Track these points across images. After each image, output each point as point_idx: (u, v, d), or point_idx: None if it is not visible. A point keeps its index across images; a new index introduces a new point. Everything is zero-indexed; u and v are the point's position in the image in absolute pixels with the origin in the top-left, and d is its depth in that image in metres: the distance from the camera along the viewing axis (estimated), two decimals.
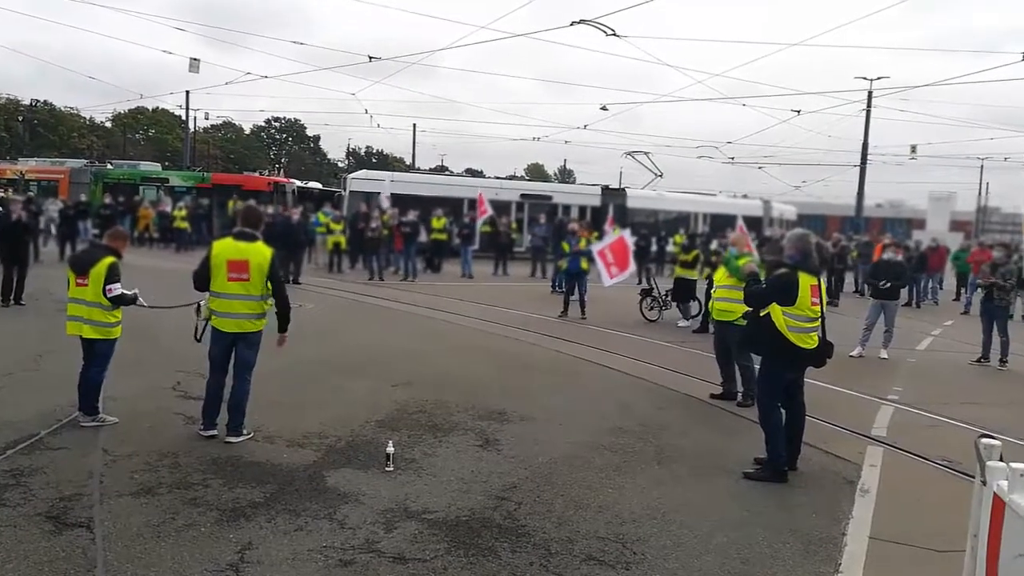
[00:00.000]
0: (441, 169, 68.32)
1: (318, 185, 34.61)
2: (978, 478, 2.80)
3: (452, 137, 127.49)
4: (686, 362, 9.83)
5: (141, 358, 7.85)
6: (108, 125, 69.52)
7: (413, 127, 55.49)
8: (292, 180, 31.79)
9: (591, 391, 8.10)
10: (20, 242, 12.12)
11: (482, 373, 8.70)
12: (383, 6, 63.79)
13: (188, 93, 38.55)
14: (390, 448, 5.39)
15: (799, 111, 28.66)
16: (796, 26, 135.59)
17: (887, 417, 7.61)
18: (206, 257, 5.75)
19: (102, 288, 5.91)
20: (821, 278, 5.77)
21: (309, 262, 20.49)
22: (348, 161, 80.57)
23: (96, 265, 5.95)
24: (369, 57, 20.90)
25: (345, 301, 14.84)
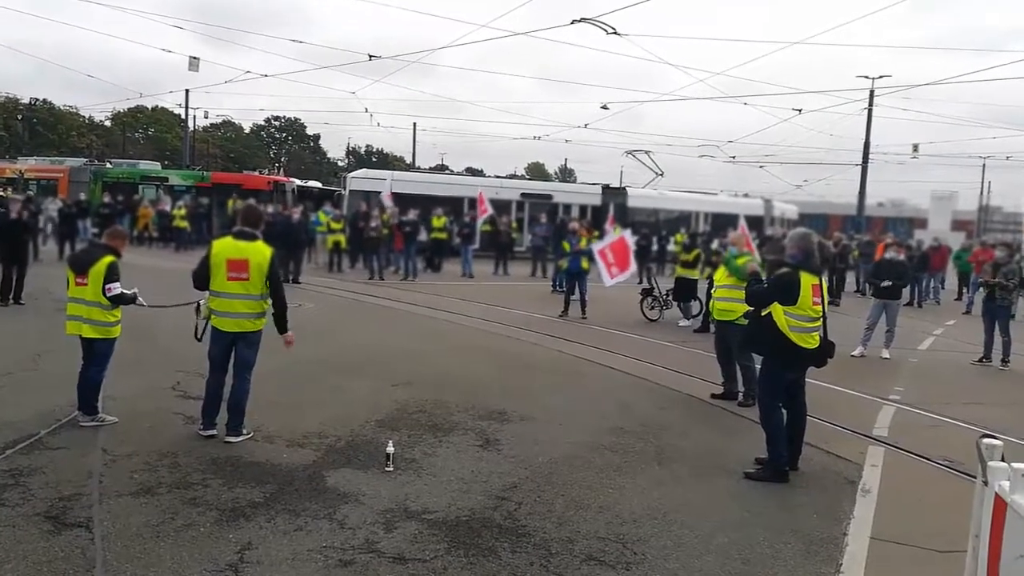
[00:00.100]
0: (441, 168, 68.33)
1: (318, 184, 34.58)
2: (980, 478, 2.80)
3: (452, 136, 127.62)
4: (687, 362, 9.82)
5: (141, 358, 7.84)
6: (107, 124, 69.54)
7: (413, 126, 55.46)
8: (292, 179, 31.80)
9: (592, 391, 8.08)
10: (19, 241, 12.11)
11: (482, 373, 8.69)
12: (383, 4, 63.98)
13: (188, 92, 38.49)
14: (390, 448, 5.38)
15: (800, 110, 28.81)
16: (797, 25, 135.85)
17: (888, 417, 7.60)
18: (206, 256, 5.74)
19: (101, 287, 5.90)
20: (823, 278, 5.76)
21: (309, 261, 20.48)
22: (348, 160, 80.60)
23: (95, 264, 5.93)
24: (369, 56, 20.82)
25: (345, 301, 14.83)
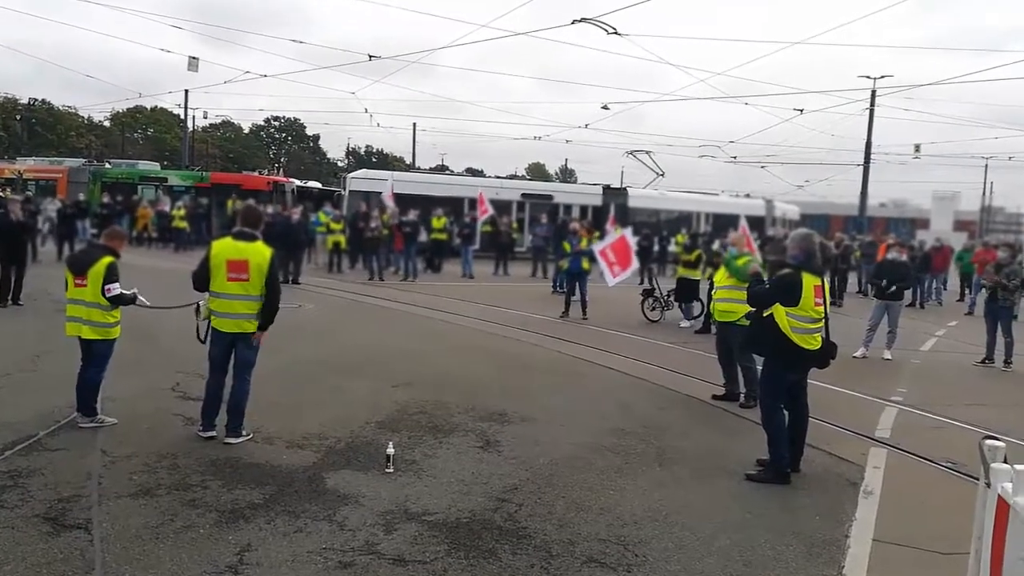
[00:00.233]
0: (442, 168, 68.32)
1: (318, 184, 34.53)
2: (982, 480, 2.79)
3: (452, 136, 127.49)
4: (688, 363, 9.81)
5: (140, 358, 7.82)
6: (106, 124, 69.51)
7: (413, 126, 55.36)
8: (291, 179, 31.76)
9: (592, 392, 8.06)
10: (18, 242, 12.06)
11: (483, 374, 8.67)
12: (383, 4, 63.96)
13: (187, 92, 38.41)
14: (390, 449, 5.37)
15: (802, 110, 28.69)
16: (799, 24, 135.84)
17: (891, 418, 7.57)
18: (205, 257, 5.72)
19: (101, 288, 5.88)
20: (824, 278, 5.74)
21: (309, 262, 20.46)
22: (348, 160, 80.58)
23: (94, 265, 5.91)
24: (369, 56, 20.77)
25: (345, 301, 14.81)
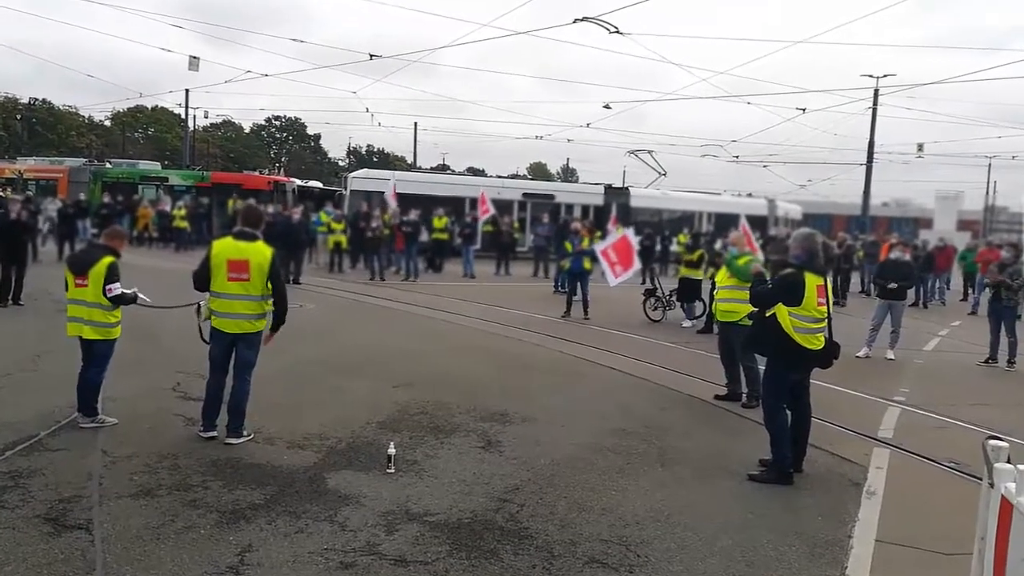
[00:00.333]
0: (443, 168, 68.28)
1: (319, 184, 34.52)
2: (985, 480, 2.78)
3: (454, 136, 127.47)
4: (690, 363, 9.79)
5: (141, 358, 7.81)
6: (107, 124, 69.47)
7: (414, 126, 55.33)
8: (292, 179, 31.77)
9: (594, 392, 8.05)
10: (19, 242, 12.07)
11: (484, 374, 8.66)
12: (383, 3, 63.81)
13: (188, 91, 38.40)
14: (391, 450, 5.36)
15: (804, 109, 28.54)
16: (801, 23, 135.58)
17: (894, 419, 7.56)
18: (206, 257, 5.71)
19: (102, 288, 5.87)
20: (827, 278, 5.72)
21: (310, 262, 20.45)
22: (349, 160, 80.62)
23: (95, 265, 5.90)
24: (370, 55, 20.76)
25: (346, 301, 14.80)
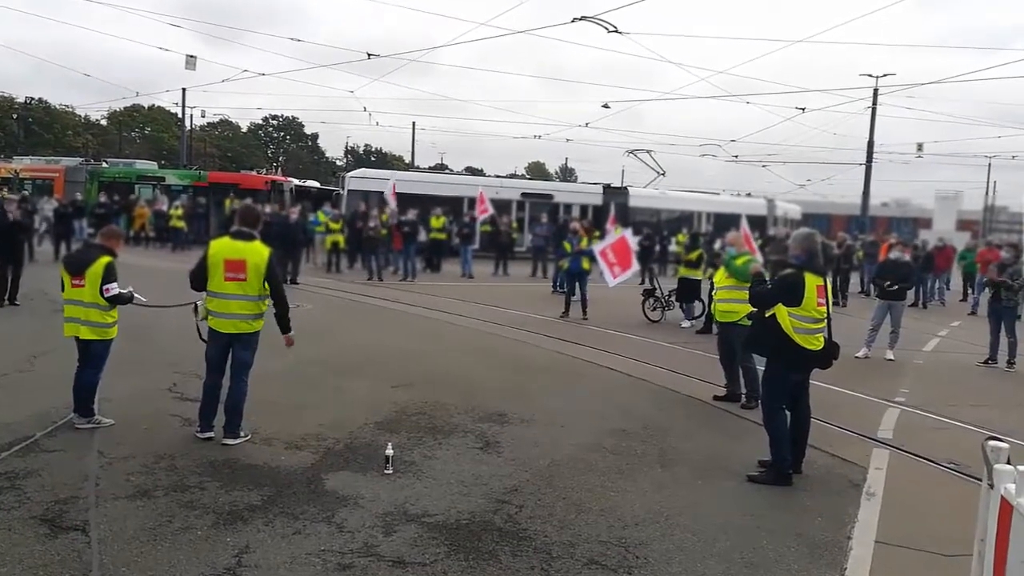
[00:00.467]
0: (441, 167, 68.26)
1: (316, 184, 34.45)
2: (985, 481, 2.78)
3: (452, 135, 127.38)
4: (689, 363, 9.78)
5: (137, 359, 7.78)
6: (104, 123, 69.26)
7: (412, 125, 55.41)
8: (290, 179, 31.69)
9: (593, 393, 8.04)
10: (15, 241, 12.03)
11: (482, 374, 8.64)
12: (381, 2, 63.62)
13: (184, 91, 38.29)
14: (389, 450, 5.35)
15: (804, 108, 28.58)
16: (800, 23, 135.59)
17: (893, 419, 7.55)
18: (203, 257, 5.69)
19: (99, 288, 5.84)
20: (827, 278, 5.71)
21: (307, 262, 20.42)
22: (347, 159, 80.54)
23: (92, 265, 5.87)
24: (367, 54, 20.65)
25: (343, 301, 14.78)
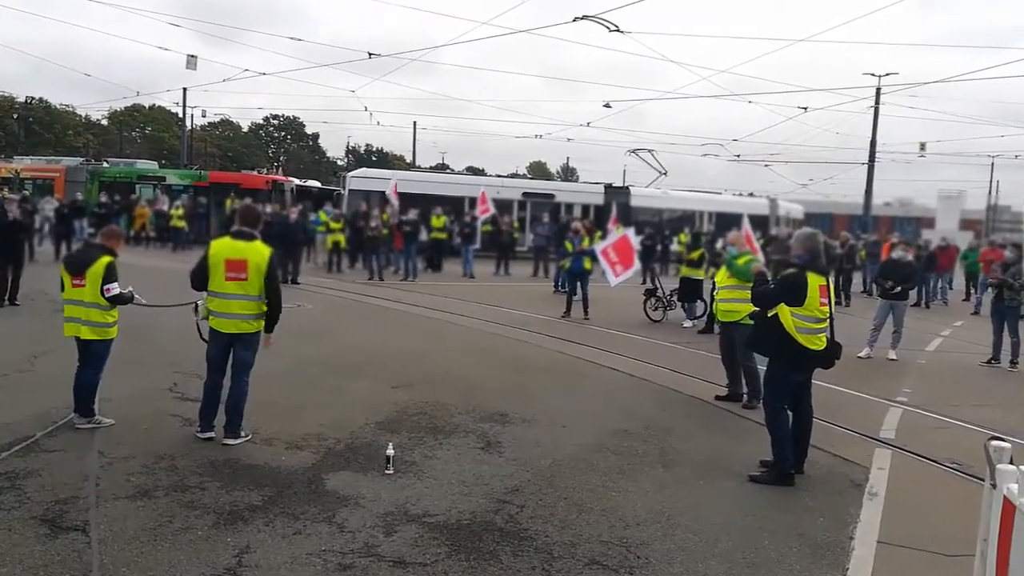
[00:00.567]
0: (442, 167, 68.28)
1: (317, 184, 34.45)
2: (988, 481, 2.78)
3: (453, 135, 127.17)
4: (691, 363, 9.76)
5: (138, 359, 7.76)
6: (104, 123, 69.31)
7: (414, 125, 55.24)
8: (291, 178, 31.71)
9: (594, 393, 8.02)
10: (15, 241, 12.03)
11: (483, 374, 8.63)
12: (382, 1, 63.41)
13: (185, 90, 38.32)
14: (390, 450, 5.33)
15: (806, 108, 28.61)
16: (803, 22, 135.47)
17: (896, 419, 7.53)
18: (204, 256, 5.68)
19: (100, 288, 5.83)
20: (829, 278, 5.70)
21: (308, 261, 20.42)
22: (348, 159, 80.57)
23: (93, 265, 5.87)
24: (368, 54, 20.62)
25: (344, 301, 14.77)
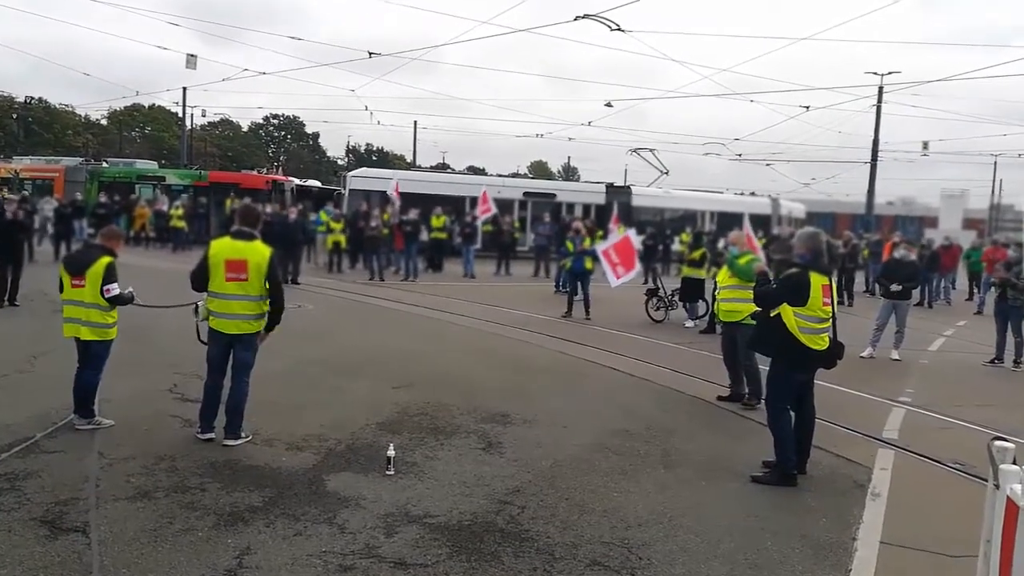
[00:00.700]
0: (443, 167, 68.27)
1: (317, 183, 34.44)
2: (991, 482, 2.78)
3: (454, 134, 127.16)
4: (693, 363, 9.73)
5: (137, 360, 7.75)
6: (104, 123, 69.25)
7: (414, 124, 55.18)
8: (291, 178, 31.70)
9: (595, 393, 8.01)
10: (15, 242, 12.03)
11: (484, 375, 8.62)
12: (383, 0, 63.42)
13: (185, 90, 38.30)
14: (391, 451, 5.32)
15: (808, 107, 28.61)
16: (805, 20, 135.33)
17: (898, 419, 7.51)
18: (204, 257, 5.67)
19: (100, 289, 5.82)
20: (832, 277, 5.68)
21: (308, 261, 20.41)
22: (348, 159, 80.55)
23: (93, 265, 5.86)
24: (369, 53, 20.56)
25: (345, 301, 14.76)
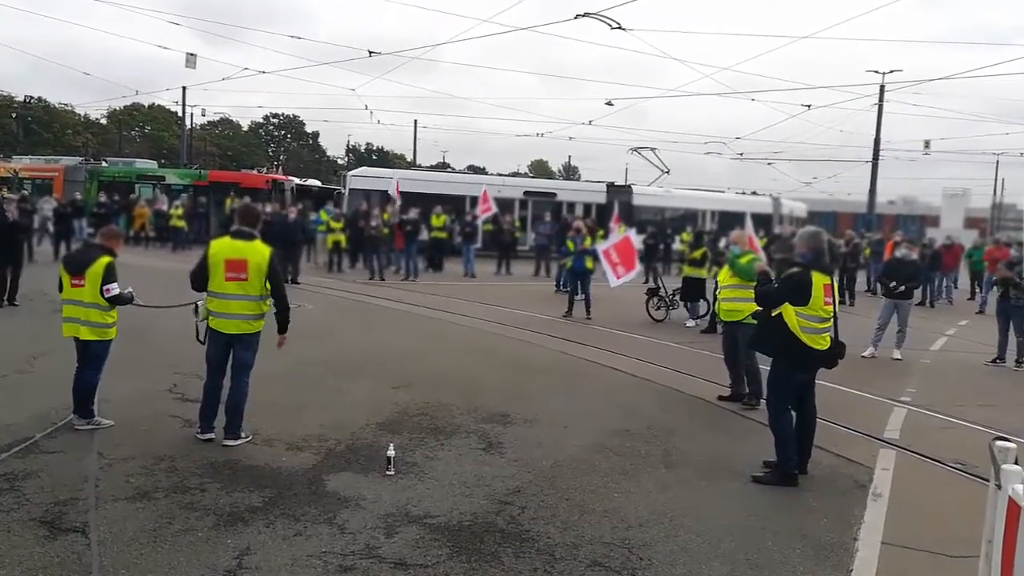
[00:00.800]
0: (443, 166, 68.26)
1: (317, 183, 34.44)
2: (993, 482, 2.77)
3: (454, 133, 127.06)
4: (694, 363, 9.72)
5: (137, 360, 7.75)
6: (103, 122, 69.19)
7: (414, 123, 55.27)
8: (291, 177, 31.70)
9: (596, 393, 8.00)
10: (14, 241, 12.01)
11: (485, 374, 8.61)
12: None
13: (184, 89, 38.26)
14: (391, 451, 5.31)
15: (809, 106, 28.52)
16: (806, 19, 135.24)
17: (900, 419, 7.50)
18: (203, 256, 5.67)
19: (99, 288, 5.81)
20: (833, 277, 5.67)
21: (308, 261, 20.40)
22: (348, 158, 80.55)
23: (93, 265, 5.85)
24: (369, 52, 20.56)
25: (345, 301, 14.76)
